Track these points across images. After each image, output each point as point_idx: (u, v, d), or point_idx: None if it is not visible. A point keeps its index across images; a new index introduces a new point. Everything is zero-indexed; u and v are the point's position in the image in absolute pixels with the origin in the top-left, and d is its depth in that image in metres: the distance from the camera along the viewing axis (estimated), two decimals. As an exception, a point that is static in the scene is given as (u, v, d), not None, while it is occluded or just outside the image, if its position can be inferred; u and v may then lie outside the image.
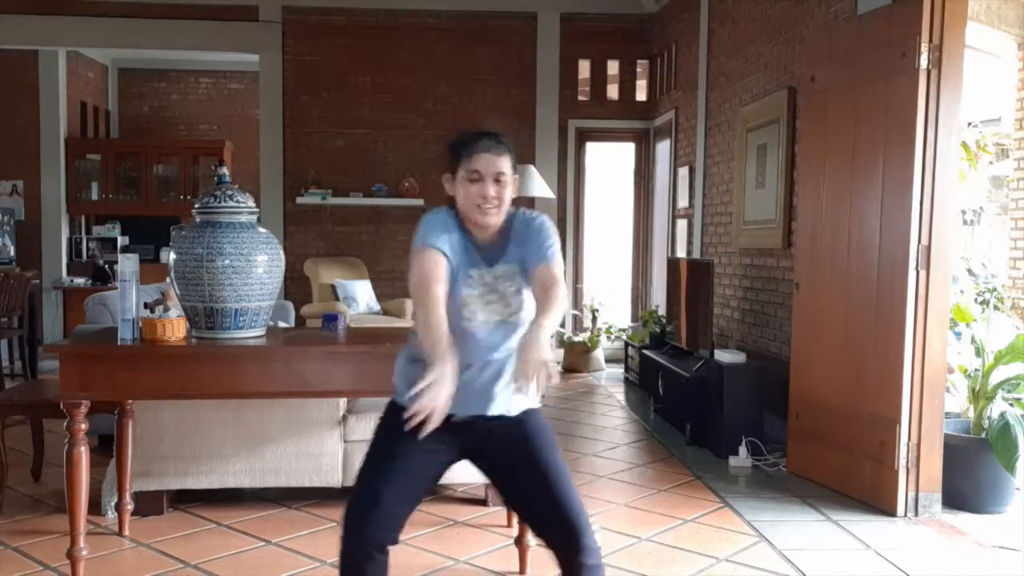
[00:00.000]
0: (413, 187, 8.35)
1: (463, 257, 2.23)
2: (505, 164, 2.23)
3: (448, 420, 2.10)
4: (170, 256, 3.17)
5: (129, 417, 3.59)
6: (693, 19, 7.30)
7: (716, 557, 3.45)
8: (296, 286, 8.15)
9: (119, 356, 3.03)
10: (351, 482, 3.97)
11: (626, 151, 8.90)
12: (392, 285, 8.47)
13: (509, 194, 2.24)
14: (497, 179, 2.21)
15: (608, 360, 8.33)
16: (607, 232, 8.99)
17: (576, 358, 8.15)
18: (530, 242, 2.25)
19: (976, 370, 4.17)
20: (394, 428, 2.19)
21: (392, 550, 2.21)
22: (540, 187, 7.43)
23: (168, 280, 3.23)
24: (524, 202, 5.52)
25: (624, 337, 7.94)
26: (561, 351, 8.19)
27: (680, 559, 3.43)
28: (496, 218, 2.23)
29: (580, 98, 8.70)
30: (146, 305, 3.11)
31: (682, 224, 7.56)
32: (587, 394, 7.07)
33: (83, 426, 3.00)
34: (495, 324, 2.23)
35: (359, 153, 8.53)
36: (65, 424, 3.00)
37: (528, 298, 2.25)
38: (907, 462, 3.92)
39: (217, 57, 9.63)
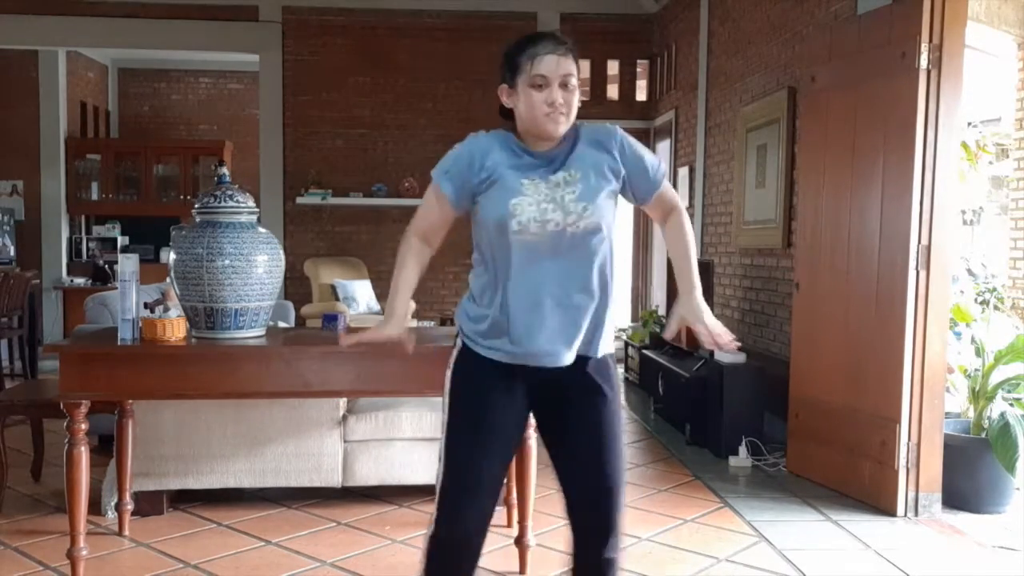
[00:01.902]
0: (413, 187, 8.35)
1: (514, 168, 2.05)
2: (572, 66, 2.05)
3: (521, 367, 2.06)
4: (170, 256, 3.17)
5: (129, 417, 3.58)
6: (693, 19, 7.30)
7: (716, 557, 3.45)
8: (296, 286, 8.15)
9: (119, 356, 3.02)
10: (351, 482, 4.00)
11: (626, 151, 8.88)
12: (392, 285, 8.47)
13: (576, 100, 2.06)
14: (565, 83, 2.03)
15: (608, 360, 8.31)
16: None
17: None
18: (625, 164, 2.10)
19: (976, 370, 4.17)
20: (470, 391, 2.12)
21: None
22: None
23: (168, 280, 3.23)
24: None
25: (624, 337, 7.94)
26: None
27: (680, 559, 3.43)
28: (564, 127, 2.05)
29: (580, 98, 8.68)
30: (146, 305, 3.11)
31: (682, 224, 7.55)
32: (587, 394, 7.06)
33: (83, 426, 3.00)
34: (552, 237, 2.02)
35: (359, 153, 8.53)
36: (65, 424, 3.00)
37: (601, 209, 2.05)
38: (907, 462, 3.92)
39: (217, 57, 9.63)
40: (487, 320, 2.09)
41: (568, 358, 2.07)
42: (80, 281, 9.01)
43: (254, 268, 3.11)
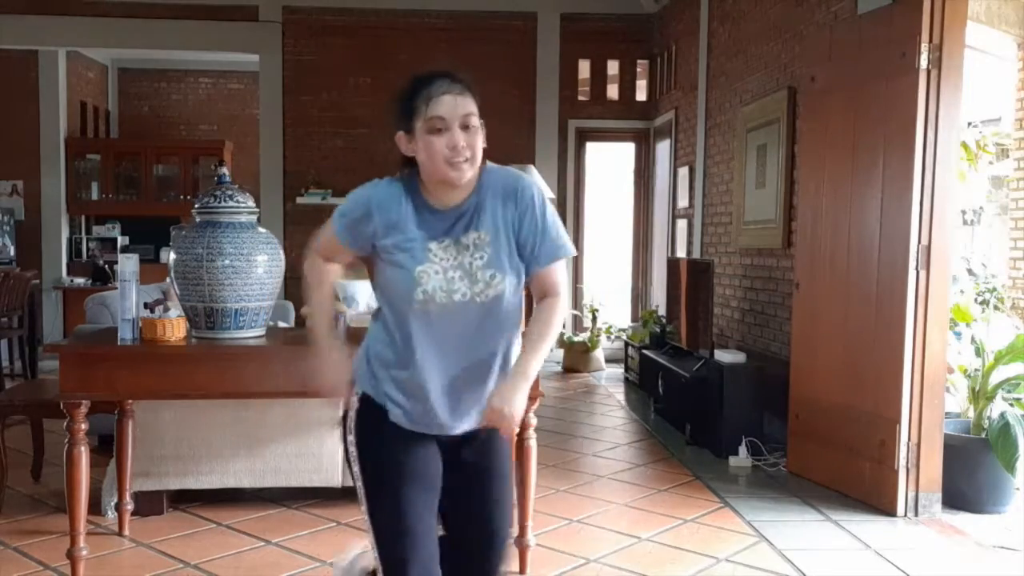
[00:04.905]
0: (413, 187, 8.35)
1: (422, 227, 1.89)
2: (471, 105, 1.87)
3: (432, 436, 1.95)
4: (170, 256, 3.17)
5: (129, 417, 3.58)
6: (693, 19, 7.30)
7: (716, 557, 3.45)
8: (296, 286, 8.12)
9: (119, 356, 3.02)
10: (351, 482, 3.98)
11: (626, 151, 8.90)
12: (392, 285, 8.46)
13: (479, 142, 1.87)
14: (465, 124, 1.85)
15: (608, 360, 8.33)
16: (607, 232, 8.99)
17: (576, 358, 8.15)
18: (524, 221, 1.93)
19: (976, 370, 4.17)
20: (383, 447, 1.95)
21: None
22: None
23: (168, 280, 3.23)
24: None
25: (624, 337, 7.94)
26: (561, 351, 8.19)
27: (680, 559, 3.43)
28: (469, 173, 1.87)
29: (580, 98, 8.70)
30: (146, 305, 3.11)
31: (682, 224, 7.56)
32: (587, 394, 7.07)
33: (83, 426, 3.00)
34: (460, 305, 1.88)
35: (359, 153, 8.53)
36: (65, 424, 3.00)
37: (508, 274, 1.92)
38: (907, 462, 3.92)
39: (217, 57, 9.63)
40: (388, 383, 1.95)
41: (466, 426, 1.98)
42: (80, 281, 9.00)
43: (254, 268, 3.11)
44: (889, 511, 3.95)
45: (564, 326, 8.08)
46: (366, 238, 1.94)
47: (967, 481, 4.02)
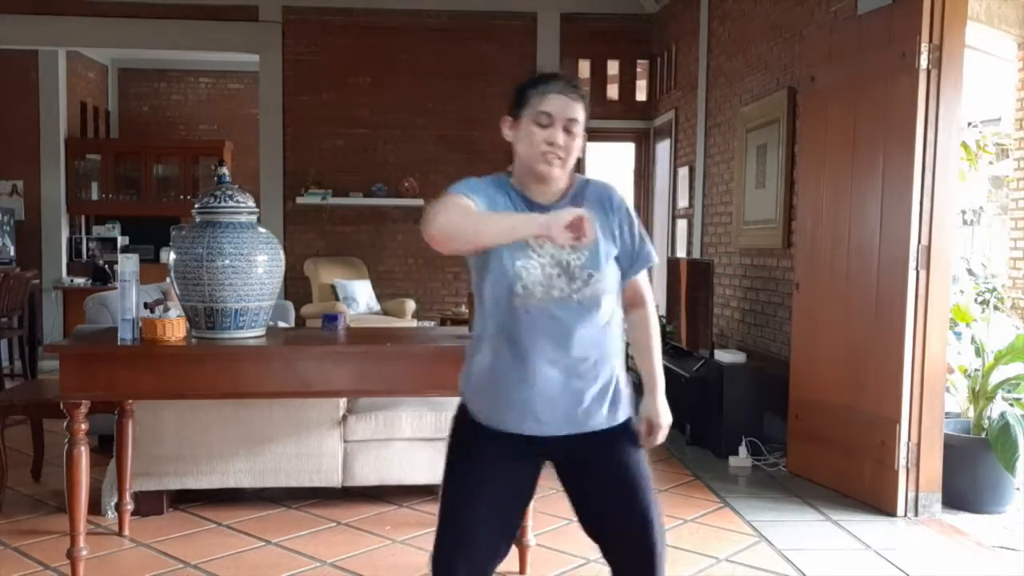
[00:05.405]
0: (413, 187, 8.35)
1: None
2: (579, 112, 1.97)
3: (529, 439, 1.95)
4: (170, 256, 3.17)
5: (129, 417, 3.59)
6: (693, 19, 7.30)
7: (716, 557, 3.45)
8: (296, 286, 8.14)
9: (119, 356, 3.02)
10: (351, 482, 4.01)
11: (626, 151, 8.89)
12: (392, 285, 8.47)
13: (577, 148, 1.97)
14: (568, 127, 1.95)
15: (608, 360, 8.31)
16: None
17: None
18: (620, 233, 2.00)
19: (976, 370, 4.17)
20: (467, 447, 2.02)
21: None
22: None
23: (168, 280, 3.23)
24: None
25: (625, 337, 7.93)
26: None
27: (680, 559, 3.43)
28: (560, 171, 1.96)
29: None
30: (146, 305, 3.11)
31: (682, 224, 7.56)
32: (587, 394, 7.06)
33: (83, 426, 3.00)
34: (556, 304, 1.92)
35: (359, 153, 8.52)
36: (65, 424, 3.00)
37: (606, 275, 1.97)
38: (907, 462, 3.92)
39: (217, 57, 9.62)
40: (481, 382, 2.00)
41: (567, 428, 1.98)
42: (80, 281, 9.00)
43: (254, 268, 3.11)
44: (889, 511, 3.95)
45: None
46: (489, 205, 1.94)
47: (967, 481, 4.02)
